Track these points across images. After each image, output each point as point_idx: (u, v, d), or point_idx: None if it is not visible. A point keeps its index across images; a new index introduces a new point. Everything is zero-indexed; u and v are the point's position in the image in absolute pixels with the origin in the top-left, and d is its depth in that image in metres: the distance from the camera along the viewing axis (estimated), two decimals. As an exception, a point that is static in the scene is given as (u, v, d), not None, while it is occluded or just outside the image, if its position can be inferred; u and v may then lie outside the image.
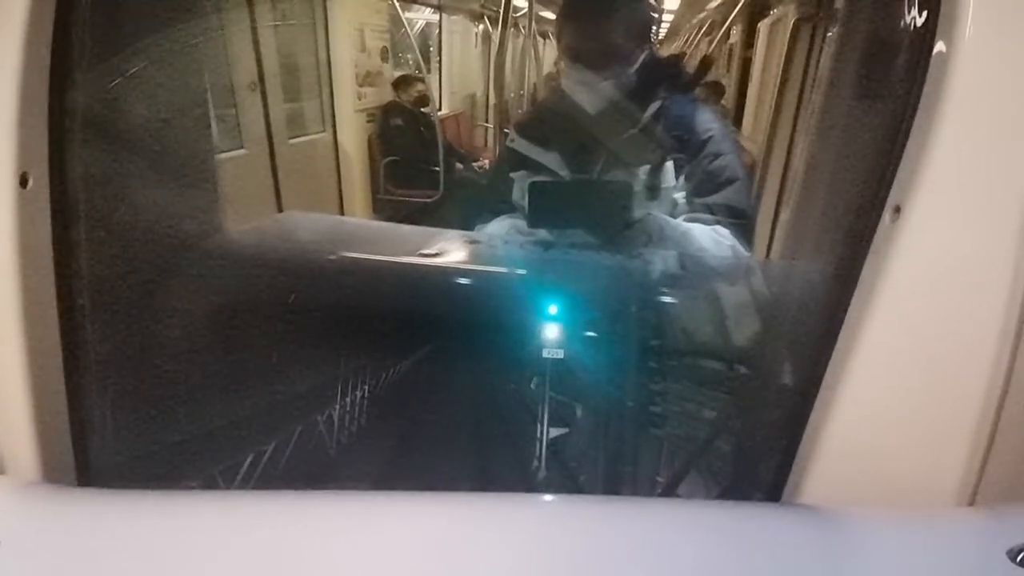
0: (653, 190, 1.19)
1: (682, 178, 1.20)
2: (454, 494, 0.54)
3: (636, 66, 1.19)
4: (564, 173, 1.23)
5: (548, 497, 0.64)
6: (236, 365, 0.94)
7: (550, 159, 1.24)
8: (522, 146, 1.28)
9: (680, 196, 1.21)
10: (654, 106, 1.20)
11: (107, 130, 0.71)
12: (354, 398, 1.06)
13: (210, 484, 0.81)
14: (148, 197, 0.79)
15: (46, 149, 0.60)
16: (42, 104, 0.59)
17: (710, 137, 1.20)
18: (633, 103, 1.21)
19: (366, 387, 1.08)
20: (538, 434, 1.01)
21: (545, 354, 0.96)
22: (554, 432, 1.02)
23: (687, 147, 1.20)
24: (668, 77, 1.28)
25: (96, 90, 0.68)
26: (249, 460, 0.89)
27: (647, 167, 1.19)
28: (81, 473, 0.62)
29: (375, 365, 1.10)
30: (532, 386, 1.07)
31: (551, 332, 0.98)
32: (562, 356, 0.96)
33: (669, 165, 1.19)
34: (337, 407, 1.04)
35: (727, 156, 1.20)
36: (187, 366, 0.83)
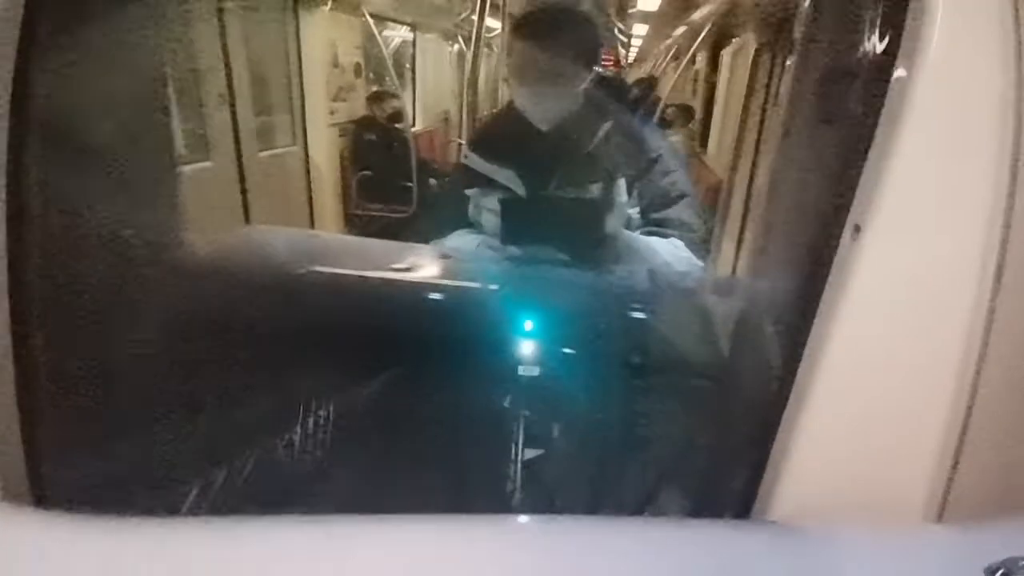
0: (608, 206, 1.21)
1: (635, 194, 1.24)
2: (423, 517, 0.53)
3: (584, 85, 1.22)
4: (519, 190, 1.24)
5: (517, 518, 0.63)
6: (198, 385, 0.91)
7: (504, 175, 1.25)
8: (476, 163, 1.29)
9: (634, 212, 1.24)
10: (605, 126, 1.23)
11: (64, 139, 0.69)
12: (323, 417, 1.04)
13: (170, 508, 0.78)
14: (105, 209, 0.77)
15: (3, 159, 0.58)
16: (3, 113, 0.57)
17: (659, 155, 1.25)
18: (583, 122, 1.23)
19: (334, 406, 1.05)
20: (509, 453, 1.00)
21: (520, 371, 0.96)
22: (526, 452, 1.02)
23: (638, 165, 1.24)
24: (616, 97, 1.32)
25: (56, 99, 0.66)
26: (213, 483, 0.86)
27: (600, 184, 1.22)
28: (35, 494, 0.58)
29: (344, 383, 1.07)
30: (506, 404, 1.06)
31: (522, 348, 0.97)
32: (536, 373, 0.96)
33: (621, 182, 1.22)
34: (306, 427, 1.01)
35: (676, 173, 1.26)
36: (145, 385, 0.80)
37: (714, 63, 4.19)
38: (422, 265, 1.13)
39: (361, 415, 1.06)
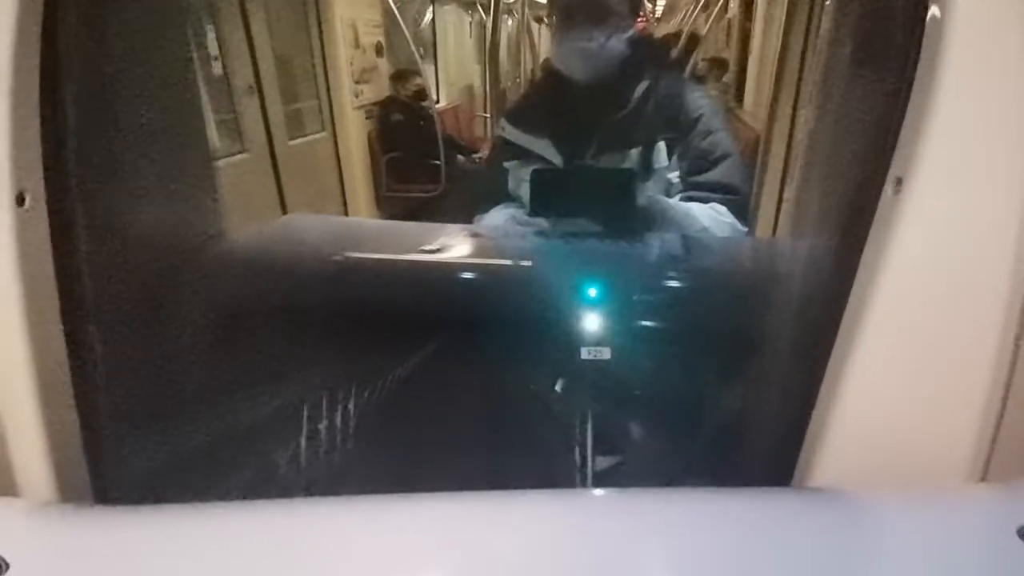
0: (647, 171, 1.18)
1: (675, 158, 1.20)
2: (468, 493, 0.54)
3: (627, 35, 1.19)
4: (556, 159, 1.22)
5: (560, 492, 0.64)
6: (247, 372, 0.94)
7: (541, 146, 1.24)
8: (513, 135, 1.28)
9: (674, 176, 1.20)
10: (644, 85, 1.19)
11: (101, 141, 0.71)
12: (370, 399, 1.06)
13: (227, 494, 0.82)
14: (147, 207, 0.79)
15: (40, 165, 0.60)
16: (34, 120, 0.59)
17: (701, 115, 1.20)
18: (623, 77, 1.20)
19: (381, 388, 1.08)
20: (549, 426, 1.01)
21: (586, 355, 0.94)
22: (565, 426, 1.02)
23: (679, 126, 1.20)
24: (657, 54, 1.28)
25: (87, 101, 0.68)
26: (268, 466, 0.90)
27: (640, 148, 1.18)
28: (97, 490, 0.62)
29: (388, 365, 1.09)
30: (542, 378, 1.06)
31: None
32: (608, 357, 0.94)
33: (661, 145, 1.19)
34: (353, 409, 1.04)
35: (719, 133, 1.21)
36: (197, 375, 0.84)
37: (748, 10, 3.98)
38: (452, 244, 1.13)
39: (403, 395, 1.09)
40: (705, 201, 1.18)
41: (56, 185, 0.61)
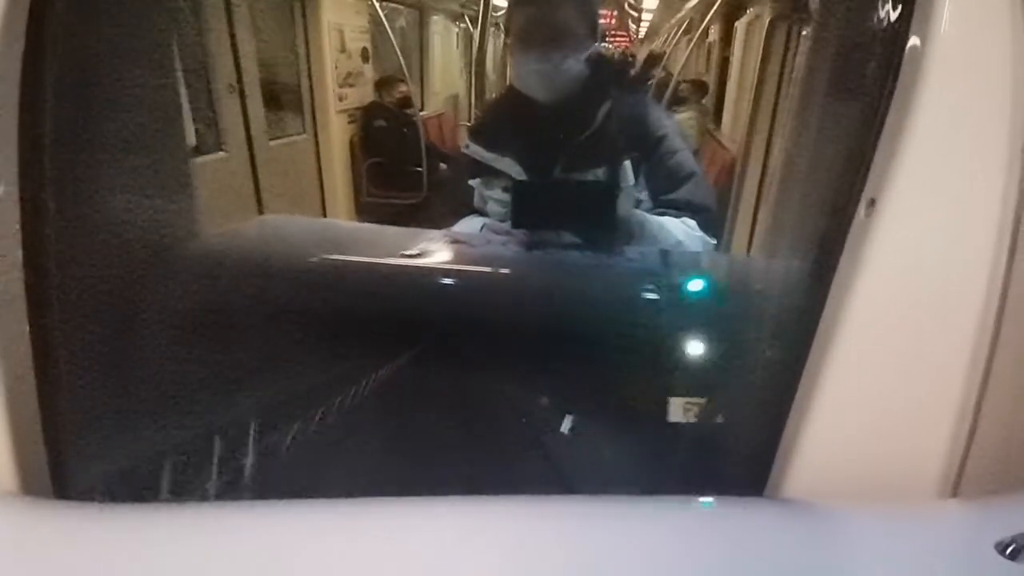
0: (617, 188, 1.19)
1: (641, 176, 1.21)
2: (435, 499, 0.54)
3: (586, 55, 1.18)
4: (521, 178, 1.22)
5: (531, 498, 0.64)
6: (216, 373, 0.92)
7: (505, 164, 1.23)
8: (477, 152, 1.27)
9: (642, 195, 1.22)
10: (606, 105, 1.20)
11: (78, 134, 0.69)
12: (339, 404, 1.05)
13: (192, 495, 0.80)
14: (121, 202, 0.78)
15: (16, 155, 0.59)
16: (14, 109, 0.58)
17: (664, 135, 1.22)
18: (584, 102, 1.20)
19: (351, 393, 1.07)
20: (521, 435, 1.01)
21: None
22: (539, 434, 1.02)
23: (642, 145, 1.21)
24: (619, 75, 1.29)
25: (68, 93, 0.67)
26: (233, 470, 0.88)
27: (604, 167, 1.19)
28: (57, 485, 0.60)
29: (359, 371, 1.08)
30: (514, 387, 1.06)
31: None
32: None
33: (627, 164, 1.19)
34: (321, 414, 1.03)
35: (682, 152, 1.22)
36: (165, 375, 0.82)
37: (727, 36, 4.10)
38: (432, 251, 1.13)
39: (376, 399, 1.08)
40: (676, 217, 1.20)
41: (31, 175, 0.60)
